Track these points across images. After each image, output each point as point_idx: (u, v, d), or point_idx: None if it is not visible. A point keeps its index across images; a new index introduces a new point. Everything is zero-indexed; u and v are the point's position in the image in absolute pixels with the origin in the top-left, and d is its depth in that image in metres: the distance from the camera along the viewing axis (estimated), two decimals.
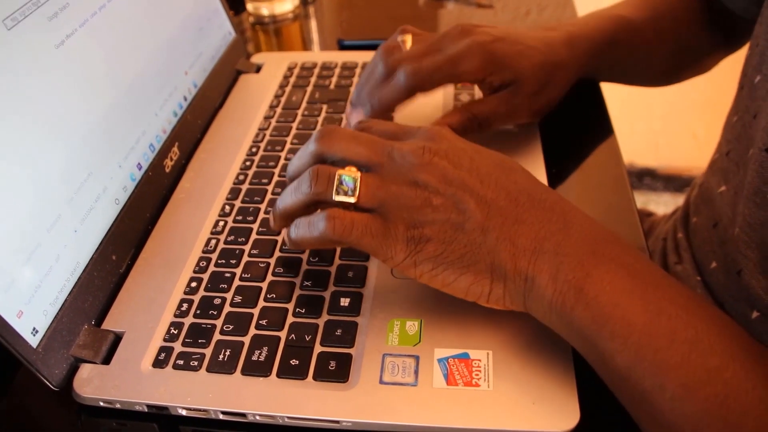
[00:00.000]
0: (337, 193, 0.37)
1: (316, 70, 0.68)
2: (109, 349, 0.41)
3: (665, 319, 0.33)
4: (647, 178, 1.83)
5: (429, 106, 0.61)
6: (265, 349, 0.40)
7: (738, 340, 0.33)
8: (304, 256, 0.45)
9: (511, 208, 0.36)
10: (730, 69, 0.58)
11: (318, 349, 0.40)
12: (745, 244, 0.48)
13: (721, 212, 0.54)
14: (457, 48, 0.50)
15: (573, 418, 0.35)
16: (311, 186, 0.38)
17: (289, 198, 0.40)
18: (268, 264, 0.45)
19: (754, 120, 0.49)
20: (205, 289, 0.44)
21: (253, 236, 0.48)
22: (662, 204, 1.76)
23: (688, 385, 0.32)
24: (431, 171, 0.37)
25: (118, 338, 0.42)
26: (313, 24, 0.87)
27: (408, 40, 0.53)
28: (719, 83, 1.00)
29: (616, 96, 0.66)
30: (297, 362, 0.39)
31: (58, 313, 0.40)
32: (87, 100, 0.45)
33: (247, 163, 0.55)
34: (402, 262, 0.37)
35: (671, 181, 1.82)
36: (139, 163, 0.51)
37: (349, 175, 0.37)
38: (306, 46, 0.84)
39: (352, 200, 0.37)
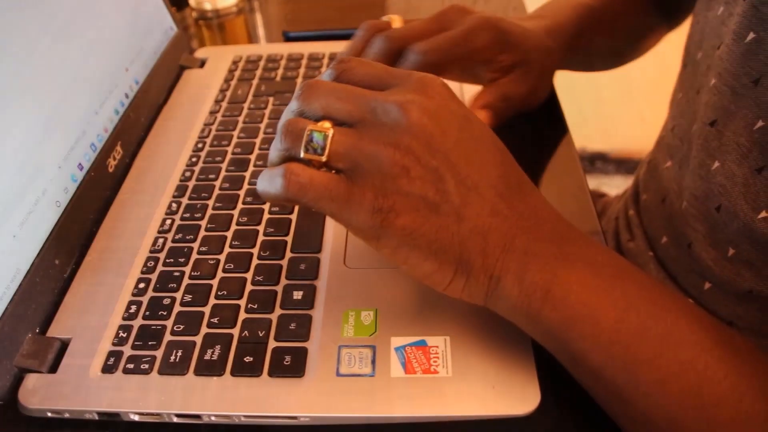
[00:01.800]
0: (306, 151, 0.33)
1: (262, 63, 0.66)
2: (55, 357, 0.40)
3: (634, 315, 0.32)
4: (599, 161, 1.86)
5: None
6: (218, 347, 0.39)
7: (708, 330, 0.33)
8: (255, 251, 0.44)
9: (490, 197, 0.33)
10: (675, 49, 0.58)
11: (272, 344, 0.39)
12: (692, 217, 0.49)
13: (668, 187, 0.55)
14: (467, 23, 0.47)
15: (533, 400, 0.35)
16: (282, 142, 0.34)
17: (271, 155, 0.36)
18: (218, 260, 0.44)
19: (697, 95, 0.50)
20: (154, 290, 0.43)
21: (202, 233, 0.46)
22: (614, 186, 1.79)
23: (661, 380, 0.32)
24: (417, 134, 0.32)
25: (64, 345, 0.40)
26: (258, 17, 0.85)
27: (396, 20, 0.49)
28: (665, 65, 1.01)
29: (564, 83, 0.67)
30: (251, 359, 0.38)
31: None
32: (19, 100, 0.44)
33: (194, 159, 0.54)
34: (365, 232, 0.33)
35: (622, 164, 1.85)
36: (80, 164, 0.49)
37: (320, 131, 0.33)
38: (252, 39, 0.82)
39: (321, 159, 0.33)
